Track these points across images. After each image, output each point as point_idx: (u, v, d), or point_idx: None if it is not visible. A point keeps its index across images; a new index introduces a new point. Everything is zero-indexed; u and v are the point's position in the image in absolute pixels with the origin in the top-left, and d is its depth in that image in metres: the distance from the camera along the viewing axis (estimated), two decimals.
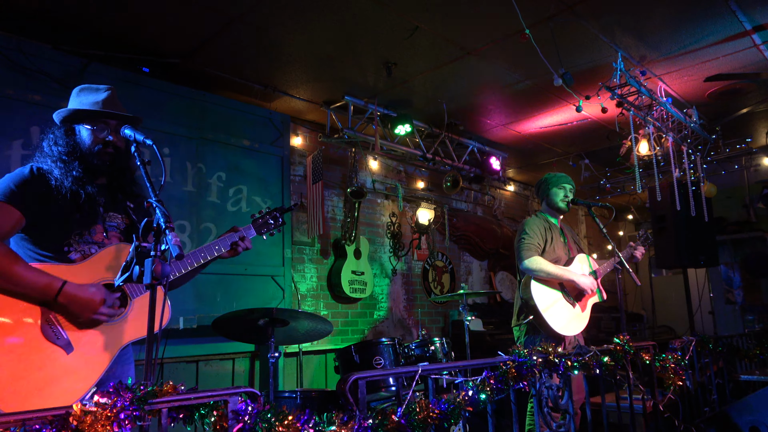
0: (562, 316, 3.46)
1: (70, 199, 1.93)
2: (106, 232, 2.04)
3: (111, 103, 2.08)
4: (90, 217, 1.97)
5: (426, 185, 6.66)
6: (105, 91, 2.09)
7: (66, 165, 1.97)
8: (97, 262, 1.92)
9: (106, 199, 2.07)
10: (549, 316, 3.40)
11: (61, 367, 1.76)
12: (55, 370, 1.75)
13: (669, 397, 3.13)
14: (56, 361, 1.76)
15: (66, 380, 1.75)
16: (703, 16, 3.81)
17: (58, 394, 1.72)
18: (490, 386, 2.08)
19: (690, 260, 5.41)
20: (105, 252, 1.95)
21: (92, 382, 1.79)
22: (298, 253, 5.18)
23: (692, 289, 5.97)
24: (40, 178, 1.94)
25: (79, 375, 1.78)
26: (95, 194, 2.00)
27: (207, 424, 1.39)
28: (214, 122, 4.26)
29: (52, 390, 1.72)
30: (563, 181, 3.77)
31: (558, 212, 3.78)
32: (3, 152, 3.20)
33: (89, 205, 1.97)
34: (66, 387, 1.74)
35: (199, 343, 4.09)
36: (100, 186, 2.07)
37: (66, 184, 1.94)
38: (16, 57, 3.33)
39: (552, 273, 3.47)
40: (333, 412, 1.70)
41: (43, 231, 1.92)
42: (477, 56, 4.24)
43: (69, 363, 1.78)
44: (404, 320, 6.10)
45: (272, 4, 3.46)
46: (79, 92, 2.10)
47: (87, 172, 2.01)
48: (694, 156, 5.54)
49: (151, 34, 3.78)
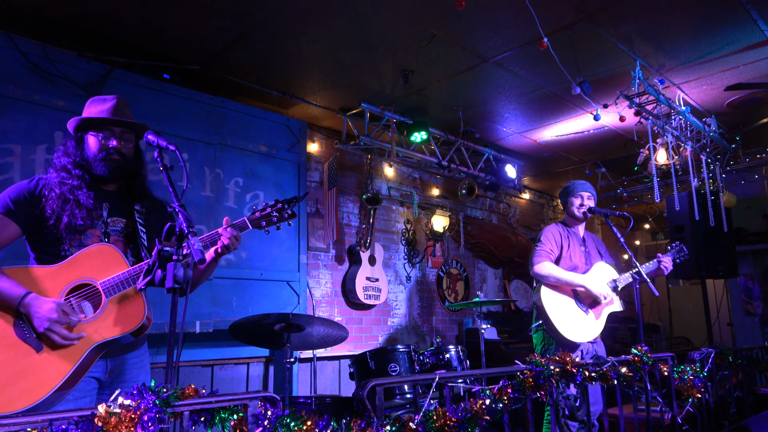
0: (572, 321, 3.43)
1: (63, 208, 2.00)
2: (107, 236, 2.09)
3: (117, 110, 2.14)
4: (84, 223, 2.03)
5: (441, 192, 6.66)
6: (111, 100, 2.16)
7: (68, 173, 2.06)
8: (77, 262, 1.97)
9: (111, 204, 2.14)
10: (558, 321, 3.38)
11: (29, 365, 1.79)
12: (23, 367, 1.78)
13: (687, 410, 3.09)
14: (25, 359, 1.79)
15: (32, 378, 1.77)
16: (723, 24, 3.78)
17: (20, 393, 1.74)
18: (507, 395, 2.07)
19: (709, 271, 5.34)
20: (84, 253, 1.99)
21: (57, 382, 1.79)
22: (313, 258, 5.20)
23: (710, 300, 5.89)
24: (38, 189, 2.03)
25: (44, 374, 1.79)
26: (95, 200, 2.07)
27: (227, 428, 1.41)
28: (233, 128, 4.31)
29: (15, 388, 1.74)
30: (580, 189, 3.71)
31: (576, 220, 3.72)
32: (28, 156, 3.26)
33: (83, 212, 2.03)
34: (31, 384, 1.76)
35: (214, 347, 4.13)
36: (107, 192, 2.15)
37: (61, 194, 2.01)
38: (43, 63, 3.40)
39: (561, 278, 3.45)
40: (348, 418, 1.71)
41: (40, 237, 2.02)
42: (494, 64, 4.24)
43: (37, 361, 1.80)
44: (418, 327, 6.08)
45: (291, 12, 3.50)
46: (89, 104, 2.19)
47: (92, 179, 2.10)
48: (713, 166, 5.48)
49: (172, 41, 3.85)
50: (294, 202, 2.21)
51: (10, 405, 1.71)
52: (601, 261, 3.70)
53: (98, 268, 1.97)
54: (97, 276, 1.96)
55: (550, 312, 3.41)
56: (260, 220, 2.16)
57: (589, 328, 3.47)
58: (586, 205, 3.67)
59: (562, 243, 3.60)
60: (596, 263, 3.66)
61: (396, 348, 3.55)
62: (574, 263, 3.59)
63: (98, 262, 1.98)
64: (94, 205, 2.06)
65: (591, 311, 3.53)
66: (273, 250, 4.37)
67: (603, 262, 3.71)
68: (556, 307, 3.45)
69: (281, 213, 2.18)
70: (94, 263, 1.97)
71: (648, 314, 8.86)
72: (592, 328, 3.49)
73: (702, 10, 3.60)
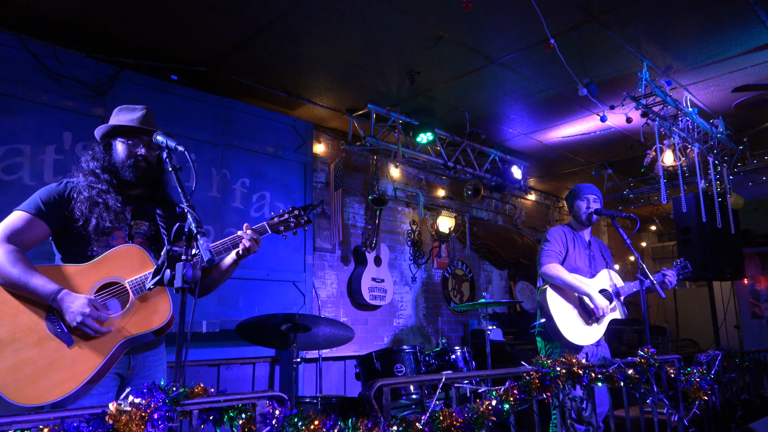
0: (575, 324, 3.46)
1: (92, 211, 2.07)
2: (132, 239, 2.17)
3: (146, 120, 2.24)
4: (112, 225, 2.10)
5: (447, 193, 6.66)
6: (141, 110, 2.25)
7: (96, 178, 2.14)
8: (105, 261, 2.04)
9: (134, 207, 2.22)
10: (561, 323, 3.41)
11: (60, 359, 1.85)
12: (54, 361, 1.84)
13: (694, 412, 3.08)
14: (56, 353, 1.85)
15: (62, 372, 1.83)
16: (730, 25, 3.77)
17: (51, 386, 1.80)
18: (513, 396, 2.07)
19: (716, 273, 5.32)
20: (113, 253, 2.06)
21: (87, 375, 1.85)
22: (319, 259, 5.22)
23: (717, 302, 5.86)
24: (67, 192, 2.11)
25: (74, 368, 1.85)
26: (121, 204, 2.14)
27: (235, 427, 1.42)
28: (239, 129, 4.32)
29: (47, 381, 1.80)
30: (587, 191, 3.70)
31: (582, 224, 3.71)
32: (37, 157, 3.29)
33: (111, 215, 2.10)
34: (62, 377, 1.82)
35: (220, 347, 4.14)
36: (131, 196, 2.23)
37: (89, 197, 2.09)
38: (52, 64, 3.43)
39: (568, 281, 3.46)
40: (353, 418, 1.71)
41: (68, 238, 2.09)
42: (500, 65, 4.24)
43: (67, 355, 1.86)
44: (423, 328, 6.09)
45: (298, 14, 3.52)
46: (118, 111, 2.27)
47: (120, 184, 2.18)
48: (720, 167, 5.46)
49: (180, 43, 3.87)
50: (310, 209, 2.38)
51: (42, 397, 1.77)
52: (606, 269, 3.69)
53: (126, 268, 2.04)
54: (125, 275, 2.03)
55: (555, 313, 3.43)
56: (279, 225, 2.31)
57: (590, 332, 3.48)
58: (592, 208, 3.65)
59: (568, 245, 3.61)
60: (602, 270, 3.65)
61: (402, 349, 3.56)
62: (577, 265, 3.59)
63: (126, 262, 2.05)
64: (121, 208, 2.14)
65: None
66: (279, 250, 4.38)
67: (609, 269, 3.69)
68: (560, 309, 3.46)
69: (298, 219, 2.34)
70: (122, 263, 2.05)
71: (654, 316, 8.82)
72: (594, 333, 3.49)
73: (709, 12, 3.59)
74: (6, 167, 3.21)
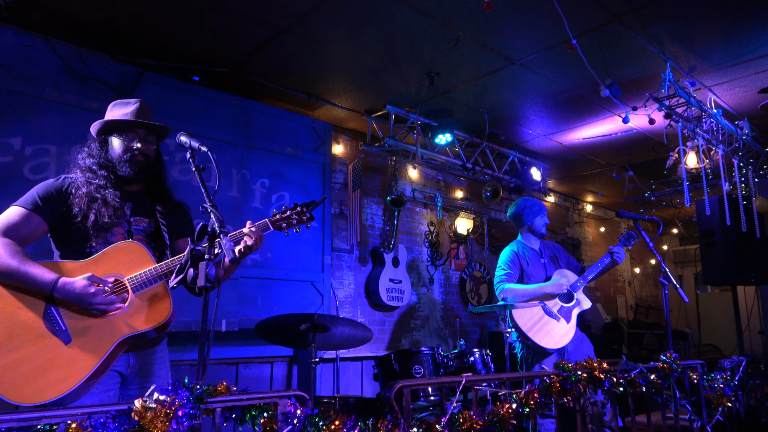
0: (547, 331, 3.63)
1: (90, 206, 2.05)
2: (131, 235, 2.13)
3: (141, 113, 2.19)
4: (110, 221, 2.07)
5: (465, 195, 6.64)
6: (135, 103, 2.21)
7: (93, 174, 2.11)
8: (105, 258, 2.01)
9: (134, 204, 2.18)
10: (534, 335, 3.60)
11: (57, 356, 1.82)
12: (51, 359, 1.81)
13: (717, 419, 3.03)
14: (53, 351, 1.82)
15: (60, 369, 1.80)
16: (757, 25, 3.69)
17: (49, 384, 1.77)
18: (534, 400, 2.06)
19: (740, 277, 5.22)
20: (112, 249, 2.03)
21: (85, 374, 1.81)
22: (337, 259, 5.23)
23: (740, 308, 5.75)
24: (65, 187, 2.08)
25: (72, 366, 1.82)
26: (120, 200, 2.11)
27: (257, 425, 1.43)
28: (260, 130, 4.36)
29: (45, 379, 1.77)
30: (545, 208, 4.08)
31: (539, 237, 4.05)
32: (62, 157, 3.35)
33: (110, 210, 2.07)
34: (60, 375, 1.79)
35: (239, 345, 4.17)
36: (131, 193, 2.19)
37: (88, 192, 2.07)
38: (78, 66, 3.49)
39: (524, 294, 3.70)
40: (372, 419, 1.71)
41: (67, 234, 2.06)
42: (521, 66, 4.21)
43: (65, 353, 1.83)
44: (441, 330, 6.07)
45: (318, 16, 3.53)
46: (112, 107, 2.24)
47: (118, 180, 2.15)
48: (745, 170, 5.35)
49: (201, 44, 3.91)
50: (312, 205, 2.25)
51: (39, 396, 1.74)
52: (559, 269, 3.93)
53: (126, 264, 2.01)
54: (125, 272, 1.99)
55: (525, 328, 3.63)
56: (280, 222, 2.20)
57: (562, 333, 3.66)
58: (548, 221, 4.09)
59: (521, 263, 3.85)
60: (556, 271, 3.89)
61: (420, 350, 3.55)
62: (537, 279, 3.84)
63: (126, 259, 2.02)
64: (120, 204, 2.11)
65: (561, 317, 3.70)
66: (297, 250, 4.41)
67: (562, 269, 3.94)
68: (529, 321, 3.65)
69: (300, 216, 2.22)
70: (121, 259, 2.02)
71: (675, 321, 8.68)
72: (566, 333, 3.66)
73: (735, 11, 3.53)
74: (33, 167, 3.27)
